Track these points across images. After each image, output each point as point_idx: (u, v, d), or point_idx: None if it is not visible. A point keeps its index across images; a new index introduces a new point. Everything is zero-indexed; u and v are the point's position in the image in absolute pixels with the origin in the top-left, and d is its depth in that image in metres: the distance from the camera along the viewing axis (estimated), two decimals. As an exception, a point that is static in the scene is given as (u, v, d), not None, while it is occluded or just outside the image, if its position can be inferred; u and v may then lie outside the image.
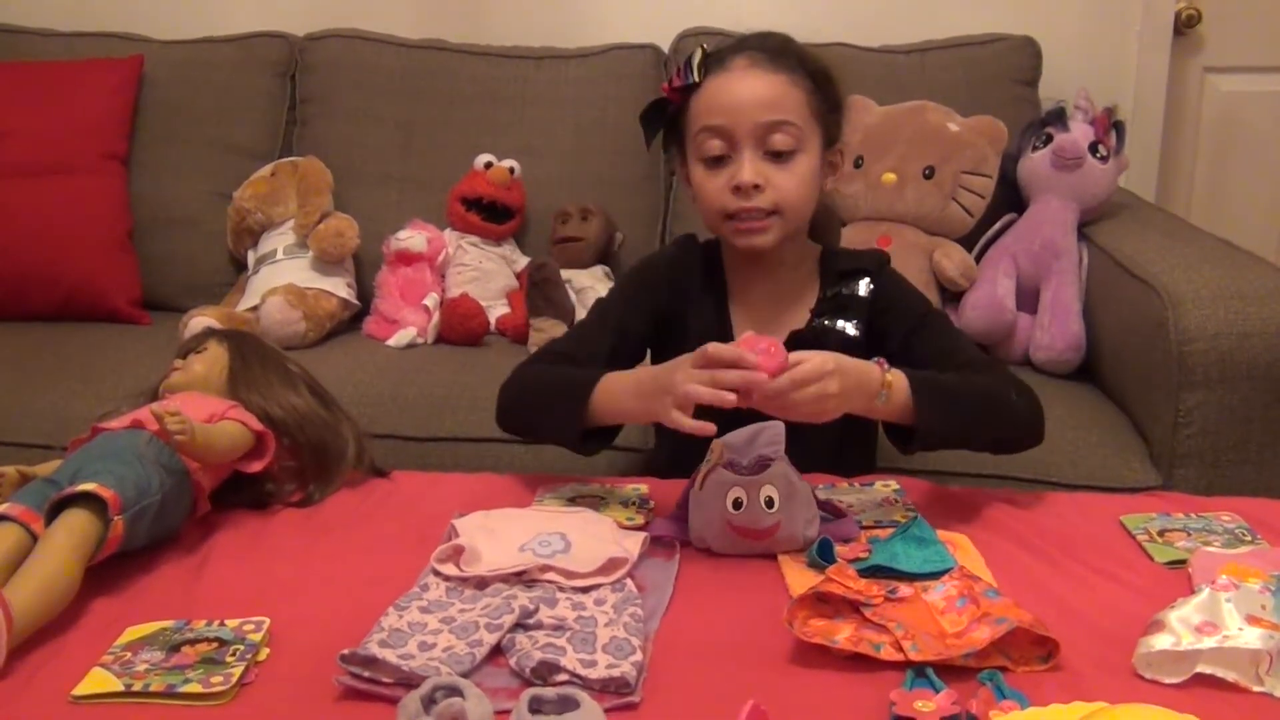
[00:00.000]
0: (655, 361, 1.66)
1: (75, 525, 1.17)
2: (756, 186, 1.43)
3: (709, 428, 1.26)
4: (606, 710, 0.98)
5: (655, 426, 1.77)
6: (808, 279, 1.56)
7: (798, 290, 1.55)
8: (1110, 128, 2.33)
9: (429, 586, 1.20)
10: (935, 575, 1.18)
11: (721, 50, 1.50)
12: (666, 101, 1.51)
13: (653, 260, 1.69)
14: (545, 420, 1.50)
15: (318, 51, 2.73)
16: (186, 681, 1.02)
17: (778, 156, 1.44)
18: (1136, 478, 1.84)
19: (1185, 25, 2.86)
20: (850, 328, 1.51)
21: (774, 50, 1.48)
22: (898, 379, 1.34)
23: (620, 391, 1.40)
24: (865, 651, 1.05)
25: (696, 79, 1.47)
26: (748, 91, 1.44)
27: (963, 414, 1.39)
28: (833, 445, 1.54)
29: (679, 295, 1.59)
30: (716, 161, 1.46)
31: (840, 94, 1.52)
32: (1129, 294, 2.00)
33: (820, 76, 1.48)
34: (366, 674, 1.02)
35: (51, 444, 1.75)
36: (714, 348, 1.26)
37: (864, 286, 1.53)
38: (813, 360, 1.26)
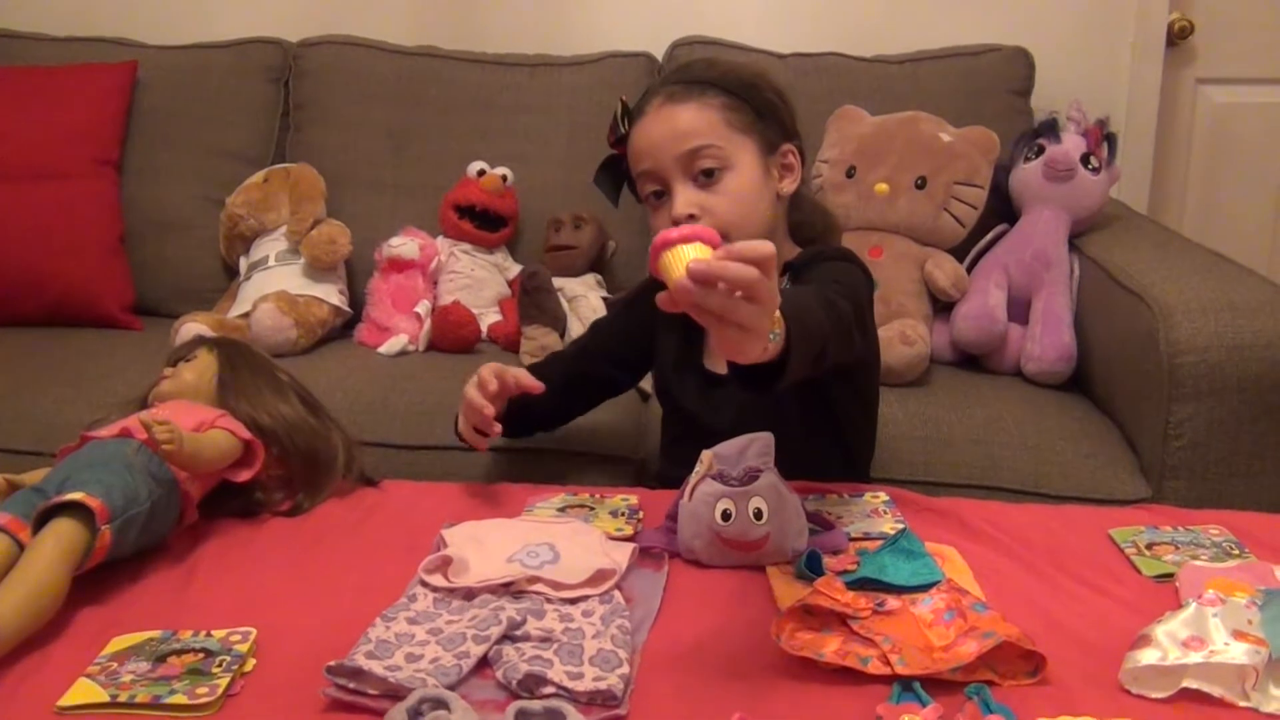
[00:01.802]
0: (658, 390, 1.74)
1: (62, 534, 1.17)
2: (691, 216, 1.45)
3: (480, 444, 1.60)
4: (593, 723, 0.98)
5: (661, 436, 1.78)
6: None
7: None
8: (1102, 139, 2.34)
9: (416, 597, 1.20)
10: (923, 588, 1.18)
11: (641, 96, 1.54)
12: (618, 158, 1.56)
13: (630, 290, 1.74)
14: None
15: (311, 57, 2.74)
16: (172, 693, 1.01)
17: (709, 178, 1.46)
18: (1126, 490, 1.85)
19: (1178, 37, 2.87)
20: None
21: (687, 80, 1.51)
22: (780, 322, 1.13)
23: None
24: (852, 665, 1.05)
25: (624, 130, 1.52)
26: (660, 130, 1.48)
27: (817, 342, 1.21)
28: (822, 455, 1.54)
29: (645, 323, 1.67)
30: (658, 202, 1.50)
31: (771, 96, 1.53)
32: (1120, 305, 2.00)
33: (737, 89, 1.50)
34: (353, 685, 1.02)
35: (42, 450, 1.75)
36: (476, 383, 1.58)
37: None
38: (771, 282, 0.99)
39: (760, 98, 1.52)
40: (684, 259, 0.97)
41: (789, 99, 1.57)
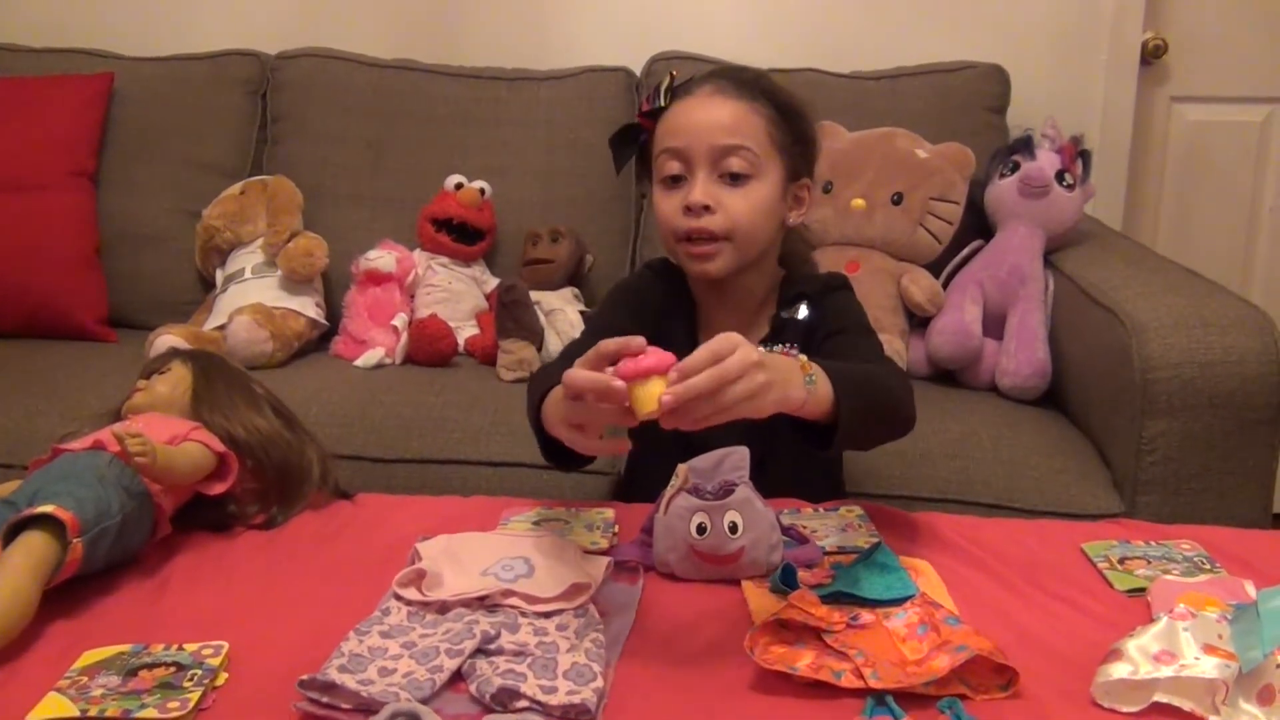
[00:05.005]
0: None
1: (33, 547, 1.16)
2: (706, 207, 1.44)
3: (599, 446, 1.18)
4: (566, 737, 0.97)
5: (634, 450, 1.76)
6: (771, 306, 1.56)
7: (762, 318, 1.56)
8: (1077, 156, 2.36)
9: (390, 611, 1.19)
10: (897, 602, 1.18)
11: (691, 78, 1.52)
12: (639, 128, 1.54)
13: (624, 283, 1.70)
14: (533, 427, 1.37)
15: (289, 70, 2.73)
16: (143, 707, 1.01)
17: (733, 181, 1.45)
18: (1100, 504, 1.86)
19: (1152, 55, 2.89)
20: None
21: (742, 81, 1.50)
22: (814, 365, 1.20)
23: (553, 398, 1.24)
24: (826, 679, 1.05)
25: (663, 104, 1.50)
26: (706, 115, 1.46)
27: (871, 399, 1.30)
28: (797, 470, 1.54)
29: (647, 319, 1.58)
30: (674, 182, 1.48)
31: (810, 130, 1.53)
32: (1094, 321, 2.02)
33: (786, 109, 1.50)
34: (325, 700, 1.01)
35: (13, 463, 1.74)
36: (604, 343, 1.09)
37: (802, 310, 1.53)
38: (736, 355, 1.06)
39: (800, 126, 1.52)
40: (653, 397, 1.04)
41: (819, 139, 1.57)
